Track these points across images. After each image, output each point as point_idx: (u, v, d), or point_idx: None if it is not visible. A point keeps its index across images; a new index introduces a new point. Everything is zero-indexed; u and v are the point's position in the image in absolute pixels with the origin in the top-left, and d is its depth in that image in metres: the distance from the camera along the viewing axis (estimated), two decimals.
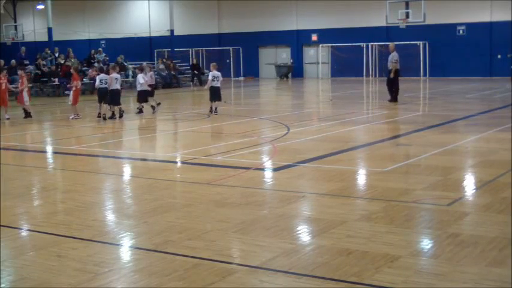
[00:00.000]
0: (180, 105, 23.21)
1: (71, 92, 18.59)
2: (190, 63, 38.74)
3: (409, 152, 11.47)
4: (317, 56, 41.41)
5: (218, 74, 18.70)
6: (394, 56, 21.47)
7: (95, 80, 19.19)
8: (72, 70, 19.12)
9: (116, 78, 18.19)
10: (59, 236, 6.44)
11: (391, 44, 22.36)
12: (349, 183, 8.91)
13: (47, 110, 22.31)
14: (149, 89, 19.31)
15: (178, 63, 37.57)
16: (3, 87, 18.56)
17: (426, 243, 6.10)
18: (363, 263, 5.38)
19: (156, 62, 39.02)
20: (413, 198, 7.71)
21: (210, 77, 18.83)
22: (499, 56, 35.87)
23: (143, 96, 19.11)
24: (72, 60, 31.20)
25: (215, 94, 18.63)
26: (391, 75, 21.43)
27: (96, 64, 31.58)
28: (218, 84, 18.60)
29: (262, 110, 20.74)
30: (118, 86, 18.27)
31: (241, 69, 42.94)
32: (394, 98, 21.40)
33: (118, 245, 6.25)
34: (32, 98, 27.64)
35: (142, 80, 18.97)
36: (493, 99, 22.83)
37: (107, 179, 9.86)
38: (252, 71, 43.03)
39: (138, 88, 19.08)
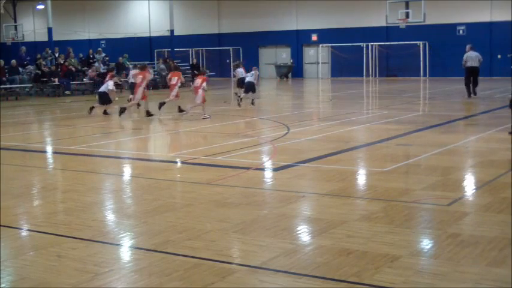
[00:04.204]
0: (180, 105, 23.15)
1: (200, 91, 18.13)
2: (190, 63, 38.75)
3: (409, 152, 11.47)
4: (317, 56, 41.41)
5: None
6: (478, 55, 23.08)
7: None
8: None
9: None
10: (59, 236, 6.44)
11: (469, 45, 23.72)
12: (349, 183, 8.91)
13: (47, 110, 22.31)
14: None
15: (178, 63, 37.57)
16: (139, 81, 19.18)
17: (426, 243, 6.10)
18: (363, 263, 5.38)
19: (156, 62, 39.02)
20: (413, 198, 7.71)
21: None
22: (499, 56, 35.85)
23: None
24: (71, 59, 31.16)
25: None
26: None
27: (96, 64, 31.64)
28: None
29: (262, 110, 20.74)
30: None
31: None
32: (470, 94, 22.91)
33: (118, 245, 6.25)
34: (32, 98, 27.75)
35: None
36: (493, 99, 22.82)
37: (107, 179, 9.86)
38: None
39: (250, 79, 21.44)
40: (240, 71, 24.37)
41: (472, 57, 23.11)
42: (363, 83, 35.19)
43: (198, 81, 18.45)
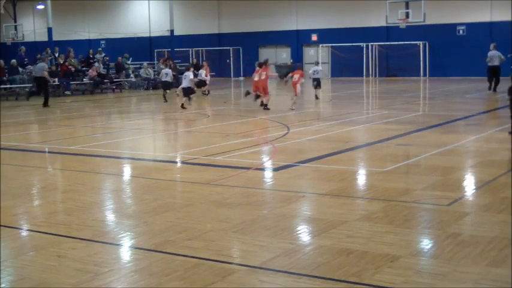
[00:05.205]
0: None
1: (298, 86, 19.88)
2: (190, 63, 38.71)
3: (409, 152, 11.47)
4: (317, 56, 41.39)
5: (167, 71, 24.30)
6: (500, 54, 25.00)
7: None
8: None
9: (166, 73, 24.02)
10: (59, 236, 6.44)
11: (493, 44, 25.78)
12: (349, 183, 8.91)
13: (47, 110, 22.30)
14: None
15: (178, 63, 37.56)
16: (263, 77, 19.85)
17: (426, 243, 6.10)
18: (363, 263, 5.38)
19: (156, 62, 39.00)
20: (413, 198, 7.71)
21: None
22: None
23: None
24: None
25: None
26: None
27: (96, 64, 31.59)
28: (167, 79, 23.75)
29: (262, 110, 20.73)
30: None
31: (241, 69, 42.94)
32: (490, 88, 24.99)
33: (118, 245, 6.25)
34: (32, 98, 27.74)
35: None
36: (493, 99, 22.83)
37: (107, 179, 9.86)
38: (252, 71, 42.79)
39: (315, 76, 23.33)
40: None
41: (494, 56, 24.82)
42: (363, 83, 35.19)
43: (296, 76, 19.78)
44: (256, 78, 19.90)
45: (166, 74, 24.17)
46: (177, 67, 36.34)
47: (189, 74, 20.90)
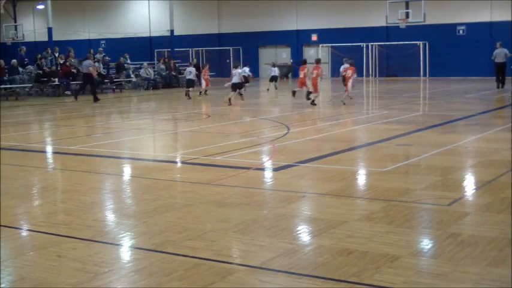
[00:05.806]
0: (180, 105, 23.22)
1: (350, 80, 21.27)
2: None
3: (409, 152, 11.47)
4: (317, 56, 41.40)
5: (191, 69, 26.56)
6: (507, 52, 26.41)
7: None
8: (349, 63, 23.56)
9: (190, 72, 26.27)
10: (59, 236, 6.44)
11: (499, 42, 27.26)
12: (349, 183, 8.91)
13: (47, 110, 22.32)
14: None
15: (178, 63, 37.56)
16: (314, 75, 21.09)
17: (426, 243, 6.10)
18: (363, 263, 5.38)
19: (156, 62, 38.99)
20: (413, 198, 7.71)
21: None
22: None
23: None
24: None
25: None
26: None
27: (96, 64, 31.59)
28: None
29: (262, 110, 20.74)
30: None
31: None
32: (499, 86, 26.52)
33: (118, 245, 6.24)
34: (32, 98, 27.77)
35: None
36: (493, 99, 22.83)
37: (107, 179, 9.86)
38: (252, 71, 42.94)
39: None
40: (274, 69, 29.78)
41: (500, 54, 26.29)
42: (363, 83, 35.18)
43: (349, 72, 21.23)
44: (301, 76, 21.17)
45: (190, 72, 26.07)
46: (177, 67, 36.36)
47: (239, 71, 22.67)
